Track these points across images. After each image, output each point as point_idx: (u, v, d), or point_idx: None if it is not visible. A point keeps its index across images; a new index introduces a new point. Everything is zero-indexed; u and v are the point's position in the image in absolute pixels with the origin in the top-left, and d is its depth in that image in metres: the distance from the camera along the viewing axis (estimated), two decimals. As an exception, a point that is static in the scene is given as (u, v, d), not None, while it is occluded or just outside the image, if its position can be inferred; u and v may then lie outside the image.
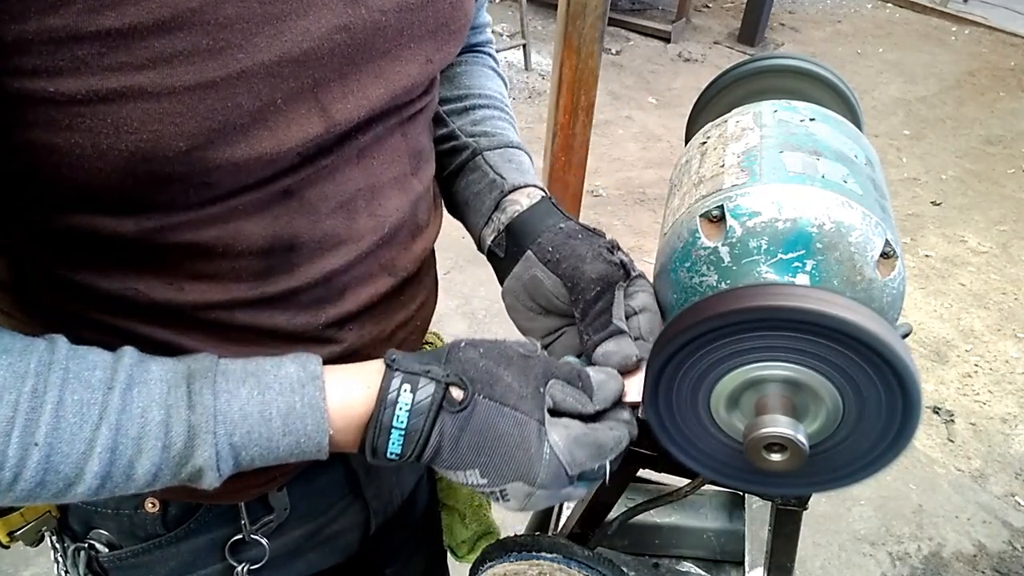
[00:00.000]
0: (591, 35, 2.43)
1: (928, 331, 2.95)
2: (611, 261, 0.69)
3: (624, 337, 0.65)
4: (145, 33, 0.43)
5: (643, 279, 0.71)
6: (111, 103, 0.44)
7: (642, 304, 0.68)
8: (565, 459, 0.55)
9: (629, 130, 4.13)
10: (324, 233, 0.59)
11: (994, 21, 5.61)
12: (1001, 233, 3.53)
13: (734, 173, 0.70)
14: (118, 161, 0.46)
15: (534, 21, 5.04)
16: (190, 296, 0.56)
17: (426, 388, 0.53)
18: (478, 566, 0.91)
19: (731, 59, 4.88)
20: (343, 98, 0.54)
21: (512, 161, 0.78)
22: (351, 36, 0.53)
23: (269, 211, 0.56)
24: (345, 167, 0.59)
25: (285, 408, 0.52)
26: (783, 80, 0.89)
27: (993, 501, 2.33)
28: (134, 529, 0.71)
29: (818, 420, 0.61)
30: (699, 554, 1.17)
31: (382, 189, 0.63)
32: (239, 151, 0.50)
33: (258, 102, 0.49)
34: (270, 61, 0.48)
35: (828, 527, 2.21)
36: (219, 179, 0.51)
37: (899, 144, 4.16)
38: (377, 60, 0.56)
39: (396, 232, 0.66)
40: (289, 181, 0.55)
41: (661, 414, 0.65)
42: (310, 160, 0.56)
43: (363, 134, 0.59)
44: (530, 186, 0.76)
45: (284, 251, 0.58)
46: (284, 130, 0.51)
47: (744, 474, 0.68)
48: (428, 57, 0.61)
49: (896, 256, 0.67)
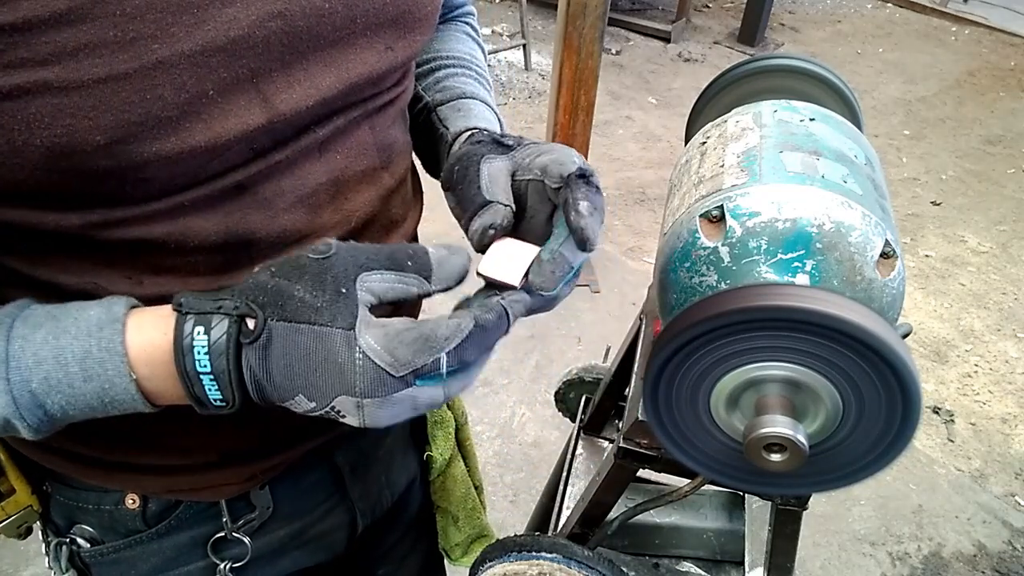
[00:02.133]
0: (591, 35, 2.43)
1: (928, 331, 2.95)
2: (474, 140, 0.65)
3: (491, 207, 0.58)
4: (43, 26, 0.42)
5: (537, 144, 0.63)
6: (17, 99, 0.43)
7: (539, 166, 0.59)
8: (384, 361, 0.48)
9: (629, 130, 4.13)
10: (283, 228, 0.58)
11: (994, 21, 5.60)
12: (1001, 233, 3.53)
13: (734, 173, 0.70)
14: (36, 157, 0.46)
15: (534, 21, 5.04)
16: (149, 290, 0.56)
17: (220, 326, 0.49)
18: (478, 566, 0.91)
19: (731, 59, 4.88)
20: (288, 88, 0.53)
21: (461, 110, 0.73)
22: (288, 23, 0.51)
23: (220, 206, 0.54)
24: (304, 161, 0.58)
25: (81, 352, 0.48)
26: (783, 80, 0.89)
27: (993, 501, 2.33)
28: (115, 524, 0.71)
29: (818, 420, 0.61)
30: (699, 554, 1.17)
31: (347, 183, 0.62)
32: (169, 144, 0.48)
33: (184, 94, 0.47)
34: (192, 51, 0.47)
35: (828, 527, 2.21)
36: (154, 173, 0.50)
37: (899, 144, 4.16)
38: (326, 48, 0.55)
39: (366, 226, 0.65)
40: (239, 176, 0.54)
41: (661, 414, 0.65)
42: (261, 154, 0.55)
43: (321, 127, 0.58)
44: (470, 129, 0.70)
45: (241, 246, 0.57)
46: (220, 122, 0.50)
47: (744, 474, 0.68)
48: (388, 45, 0.59)
49: (896, 256, 0.67)
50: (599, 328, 2.79)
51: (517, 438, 2.40)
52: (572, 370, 1.47)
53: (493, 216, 0.58)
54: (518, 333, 2.75)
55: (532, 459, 2.33)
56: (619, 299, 2.94)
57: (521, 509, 2.18)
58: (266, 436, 0.69)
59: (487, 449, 2.36)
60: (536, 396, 2.53)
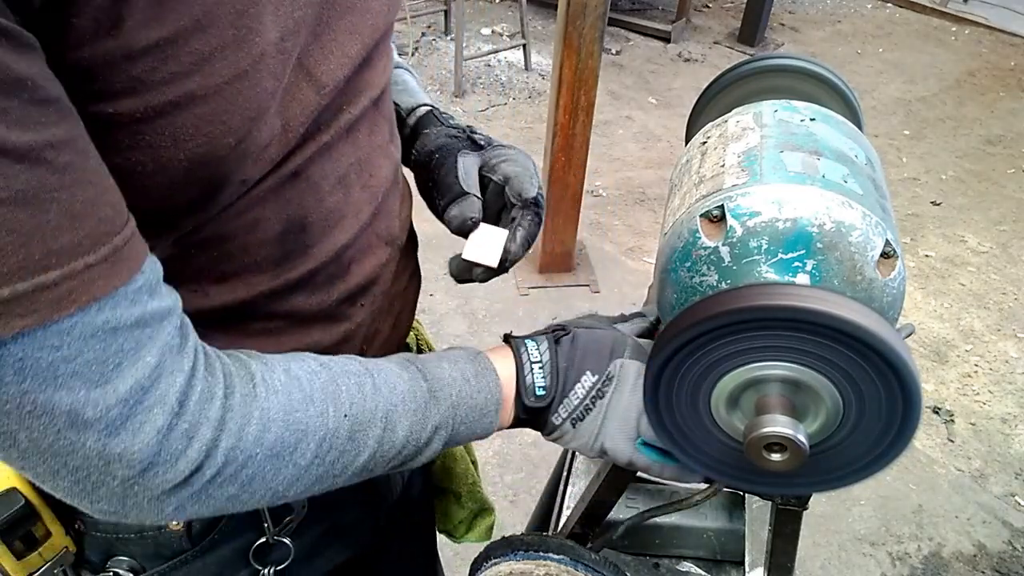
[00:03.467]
0: (591, 35, 2.43)
1: (928, 331, 2.95)
2: (451, 134, 0.75)
3: (467, 199, 0.70)
4: (187, 36, 0.43)
5: (504, 148, 0.76)
6: (168, 115, 0.43)
7: (504, 174, 0.73)
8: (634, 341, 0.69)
9: (629, 130, 4.13)
10: (328, 210, 0.60)
11: (994, 21, 5.60)
12: (1001, 233, 3.53)
13: (734, 173, 0.70)
14: (176, 172, 0.46)
15: (534, 21, 5.04)
16: (216, 299, 0.57)
17: (541, 336, 0.67)
18: (482, 562, 0.91)
19: (731, 59, 4.88)
20: (324, 60, 0.54)
21: (398, 83, 0.83)
22: None
23: (282, 195, 0.56)
24: (338, 143, 0.60)
25: (473, 371, 0.62)
26: (783, 80, 0.89)
27: (993, 501, 2.33)
28: (159, 549, 0.69)
29: (818, 420, 0.61)
30: (699, 554, 1.17)
31: (370, 159, 0.64)
32: (264, 135, 0.50)
33: (275, 82, 0.49)
34: (277, 38, 0.48)
35: (828, 527, 2.21)
36: (250, 170, 0.51)
37: (899, 144, 4.16)
38: (346, 15, 0.56)
39: (387, 199, 0.67)
40: (297, 161, 0.56)
41: (662, 413, 0.65)
42: (311, 137, 0.56)
43: (351, 106, 0.60)
44: (419, 106, 0.82)
45: (298, 233, 0.59)
46: (287, 105, 0.51)
47: (744, 474, 0.68)
48: (388, 3, 0.62)
49: (896, 256, 0.67)
50: (599, 328, 2.79)
51: (517, 438, 2.40)
52: (572, 370, 1.47)
53: (471, 209, 0.70)
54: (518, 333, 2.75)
55: (532, 459, 2.33)
56: (619, 299, 2.94)
57: (521, 509, 2.18)
58: None
59: (487, 449, 2.35)
60: (536, 396, 2.53)
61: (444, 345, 2.48)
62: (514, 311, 2.84)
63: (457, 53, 4.11)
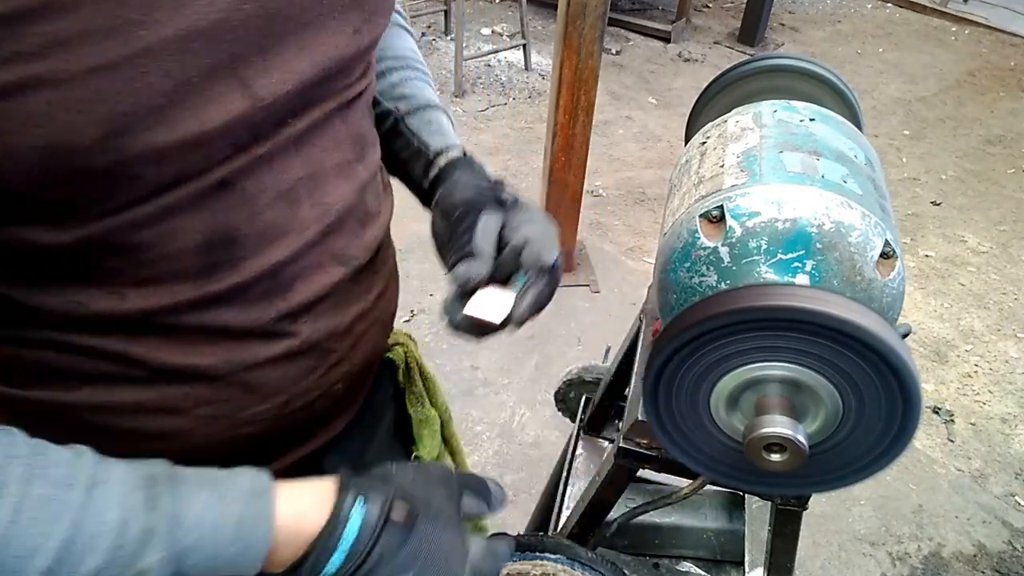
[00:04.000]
0: (591, 35, 2.43)
1: (928, 331, 2.95)
2: (481, 190, 0.72)
3: (477, 259, 0.67)
4: (33, 17, 0.41)
5: (528, 211, 0.72)
6: (11, 98, 0.42)
7: (524, 237, 0.68)
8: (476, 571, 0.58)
9: (629, 130, 4.13)
10: (265, 225, 0.58)
11: (994, 21, 5.60)
12: (1001, 233, 3.53)
13: (734, 173, 0.70)
14: (31, 158, 0.45)
15: (534, 21, 5.04)
16: (133, 304, 0.55)
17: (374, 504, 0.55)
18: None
19: (731, 59, 4.88)
20: (265, 73, 0.53)
21: (432, 123, 0.81)
22: (262, 5, 0.51)
23: (204, 205, 0.54)
24: (283, 156, 0.58)
25: (237, 516, 0.52)
26: (783, 80, 0.89)
27: (993, 501, 2.32)
28: None
29: (818, 420, 0.61)
30: (699, 554, 1.17)
31: (325, 177, 0.62)
32: (159, 135, 0.48)
33: (170, 81, 0.47)
34: (175, 36, 0.46)
35: (828, 527, 2.21)
36: (142, 170, 0.49)
37: (899, 144, 4.16)
38: (298, 32, 0.55)
39: (343, 220, 0.65)
40: (223, 172, 0.54)
41: (661, 414, 0.65)
42: (243, 148, 0.54)
43: (298, 119, 0.58)
44: (450, 147, 0.79)
45: (225, 246, 0.57)
46: (205, 110, 0.50)
47: (744, 474, 0.68)
48: (356, 28, 0.60)
49: (896, 256, 0.67)
50: (599, 328, 2.79)
51: (517, 438, 2.40)
52: (572, 370, 1.48)
53: (478, 270, 0.66)
54: (518, 333, 2.74)
55: (532, 459, 2.33)
56: (619, 299, 2.94)
57: (521, 509, 2.18)
58: (255, 446, 0.68)
59: (487, 449, 2.35)
60: (536, 396, 2.53)
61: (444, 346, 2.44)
62: (514, 311, 2.84)
63: (457, 53, 4.11)
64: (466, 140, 3.86)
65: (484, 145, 3.85)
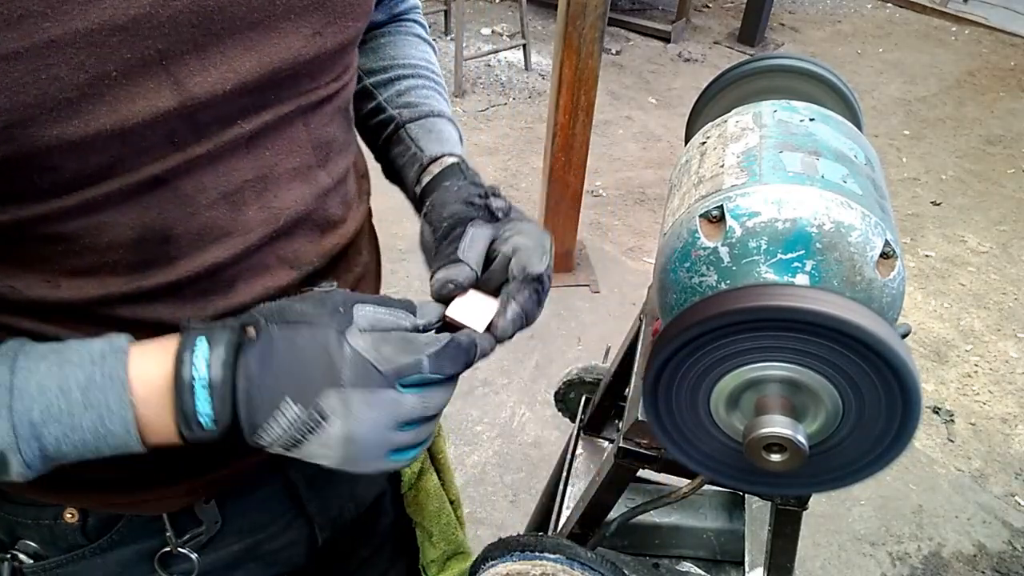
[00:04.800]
0: (591, 35, 2.43)
1: (928, 331, 2.95)
2: (470, 203, 0.69)
3: (457, 265, 0.64)
4: None
5: (521, 222, 0.70)
6: None
7: (513, 246, 0.66)
8: (371, 356, 0.53)
9: (629, 130, 4.13)
10: (203, 225, 0.57)
11: (994, 21, 5.60)
12: (1001, 233, 3.53)
13: (734, 173, 0.70)
14: None
15: (534, 21, 5.04)
16: (65, 292, 0.55)
17: (221, 334, 0.52)
18: (479, 565, 0.91)
19: (731, 59, 4.88)
20: (202, 71, 0.51)
21: (432, 131, 0.78)
22: (197, 3, 0.50)
23: (136, 201, 0.53)
24: (230, 156, 0.57)
25: (84, 380, 0.50)
26: (783, 80, 0.89)
27: (993, 501, 2.33)
28: (55, 539, 0.69)
29: (818, 420, 0.61)
30: (699, 554, 1.17)
31: (277, 180, 0.61)
32: (72, 128, 0.47)
33: (83, 74, 0.46)
34: (88, 29, 0.45)
35: (828, 527, 2.21)
36: (61, 161, 0.49)
37: (899, 144, 4.16)
38: (244, 31, 0.53)
39: (296, 225, 0.64)
40: (157, 169, 0.53)
41: (661, 414, 0.65)
42: (181, 147, 0.53)
43: (247, 120, 0.56)
44: (445, 155, 0.76)
45: (158, 243, 0.56)
46: (127, 104, 0.48)
47: (744, 474, 0.68)
48: (316, 30, 0.58)
49: (896, 256, 0.67)
50: (599, 328, 2.79)
51: (517, 438, 2.40)
52: (572, 370, 1.48)
53: (456, 273, 0.63)
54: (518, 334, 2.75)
55: (532, 459, 2.33)
56: (619, 299, 2.94)
57: (521, 509, 2.18)
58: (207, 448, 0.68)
59: (487, 449, 2.36)
60: (536, 396, 2.53)
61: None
62: (514, 311, 2.85)
63: (457, 53, 4.11)
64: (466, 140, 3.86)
65: (484, 145, 3.85)
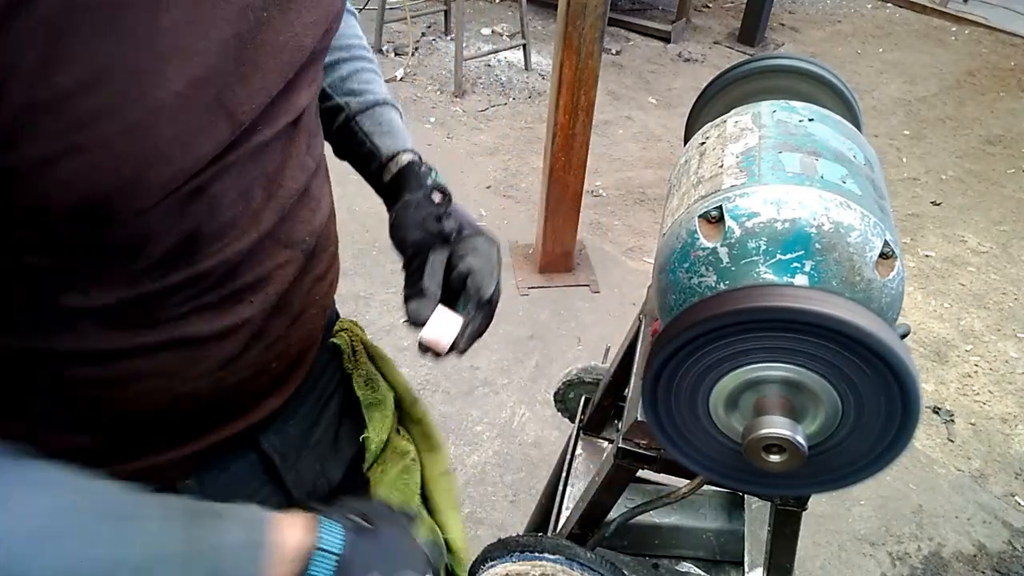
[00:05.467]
0: (591, 35, 2.43)
1: (928, 331, 2.95)
2: (429, 230, 0.80)
3: (424, 299, 0.77)
4: (73, 94, 0.44)
5: (473, 240, 0.81)
6: (54, 164, 0.46)
7: (468, 267, 0.78)
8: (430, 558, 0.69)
9: (629, 130, 4.13)
10: (224, 221, 0.60)
11: (994, 21, 5.60)
12: (1001, 233, 3.53)
13: (733, 174, 0.70)
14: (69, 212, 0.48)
15: (534, 21, 5.03)
16: (95, 301, 0.57)
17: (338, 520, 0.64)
18: (479, 565, 0.91)
19: (731, 59, 4.88)
20: (248, 98, 0.56)
21: (383, 123, 0.86)
22: (240, 41, 0.54)
23: (179, 212, 0.56)
24: (246, 160, 0.60)
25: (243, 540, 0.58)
26: (783, 80, 0.89)
27: (993, 501, 2.32)
28: None
29: (817, 421, 0.61)
30: (699, 554, 1.17)
31: (280, 172, 0.65)
32: (163, 171, 0.51)
33: (177, 128, 0.50)
34: (181, 89, 0.49)
35: (828, 527, 2.21)
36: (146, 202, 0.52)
37: (899, 144, 4.16)
38: (275, 54, 0.57)
39: (293, 208, 0.67)
40: (197, 182, 0.56)
41: (660, 414, 0.65)
42: (216, 160, 0.57)
43: (268, 127, 0.60)
44: (400, 152, 0.85)
45: (187, 244, 0.59)
46: (198, 143, 0.53)
47: (743, 475, 0.68)
48: (326, 28, 0.63)
49: (895, 256, 0.67)
50: (599, 328, 2.79)
51: (517, 438, 2.40)
52: (572, 370, 1.48)
53: (426, 308, 0.76)
54: (518, 333, 2.75)
55: (532, 459, 2.33)
56: (619, 299, 2.94)
57: (521, 509, 2.18)
58: (179, 422, 0.69)
59: (487, 449, 2.35)
60: (536, 396, 2.53)
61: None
62: (514, 311, 2.84)
63: (457, 53, 4.11)
64: (466, 140, 3.88)
65: (484, 145, 3.85)
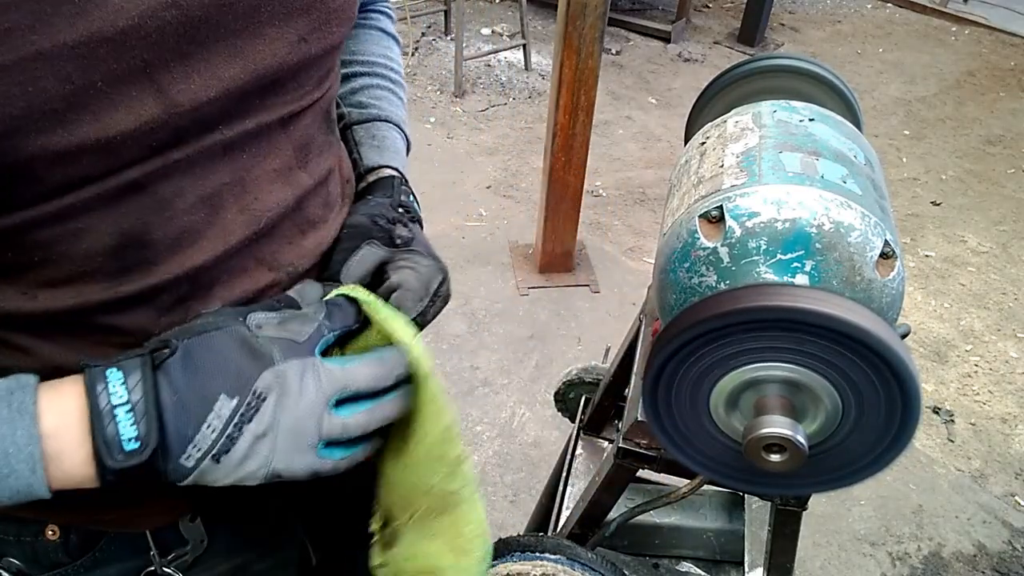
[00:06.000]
0: (591, 35, 2.43)
1: (928, 331, 2.95)
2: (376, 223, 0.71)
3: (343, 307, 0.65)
4: None
5: (416, 255, 0.70)
6: None
7: (400, 280, 0.68)
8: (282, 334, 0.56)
9: (629, 130, 4.13)
10: (182, 229, 0.57)
11: (994, 21, 5.60)
12: (1001, 233, 3.53)
13: (733, 173, 0.70)
14: None
15: (534, 21, 5.04)
16: (44, 303, 0.54)
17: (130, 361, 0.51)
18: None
19: (731, 59, 4.88)
20: (186, 78, 0.52)
21: (376, 137, 0.80)
22: (184, 12, 0.50)
23: (115, 206, 0.53)
24: (207, 161, 0.57)
25: None
26: (783, 80, 0.89)
27: (993, 501, 2.32)
28: (38, 557, 0.68)
29: (817, 420, 0.61)
30: (699, 554, 1.17)
31: (256, 183, 0.61)
32: (56, 138, 0.47)
33: (69, 85, 0.46)
34: (75, 42, 0.46)
35: (828, 527, 2.21)
36: (44, 170, 0.49)
37: (899, 144, 4.16)
38: (228, 38, 0.53)
39: (276, 226, 0.63)
40: (136, 174, 0.52)
41: (661, 414, 0.65)
42: (160, 151, 0.53)
43: (229, 127, 0.57)
44: (382, 166, 0.78)
45: (136, 249, 0.55)
46: (111, 113, 0.49)
47: (744, 474, 0.68)
48: (301, 36, 0.58)
49: (895, 256, 0.67)
50: (599, 328, 2.79)
51: (517, 438, 2.40)
52: (572, 370, 1.48)
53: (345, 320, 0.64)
54: (518, 333, 2.75)
55: (532, 459, 2.33)
56: (619, 299, 2.94)
57: (521, 509, 2.18)
58: None
59: (487, 449, 2.36)
60: (536, 396, 2.53)
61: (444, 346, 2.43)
62: (514, 311, 2.84)
63: (457, 53, 4.11)
64: (466, 140, 3.88)
65: (484, 145, 3.85)
